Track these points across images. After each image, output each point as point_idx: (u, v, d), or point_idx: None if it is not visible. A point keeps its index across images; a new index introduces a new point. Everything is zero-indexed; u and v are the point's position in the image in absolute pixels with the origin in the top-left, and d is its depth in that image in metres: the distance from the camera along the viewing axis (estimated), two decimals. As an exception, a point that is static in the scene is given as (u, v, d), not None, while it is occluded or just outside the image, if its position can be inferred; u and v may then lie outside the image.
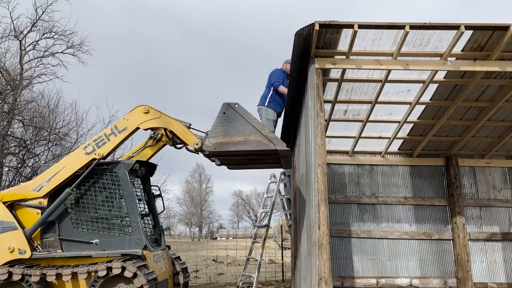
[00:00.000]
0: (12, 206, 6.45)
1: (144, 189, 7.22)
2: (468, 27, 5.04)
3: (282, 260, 11.46)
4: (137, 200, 6.56)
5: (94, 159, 6.27)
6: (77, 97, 38.50)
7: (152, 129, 6.70)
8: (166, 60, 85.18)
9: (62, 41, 16.07)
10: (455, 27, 5.06)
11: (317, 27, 4.88)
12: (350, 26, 4.96)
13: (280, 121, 8.03)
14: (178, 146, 6.82)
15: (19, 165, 14.92)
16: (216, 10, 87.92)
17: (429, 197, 8.21)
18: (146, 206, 7.17)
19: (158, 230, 7.16)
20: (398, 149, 8.39)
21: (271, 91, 7.74)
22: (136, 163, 6.47)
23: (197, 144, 6.17)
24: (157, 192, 7.50)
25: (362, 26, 4.98)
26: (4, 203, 6.38)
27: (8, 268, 5.85)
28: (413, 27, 5.02)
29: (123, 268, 5.62)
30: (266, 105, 7.72)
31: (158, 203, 7.53)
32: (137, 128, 6.39)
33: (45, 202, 6.54)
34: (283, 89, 7.56)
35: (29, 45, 15.83)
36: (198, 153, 6.48)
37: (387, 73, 6.11)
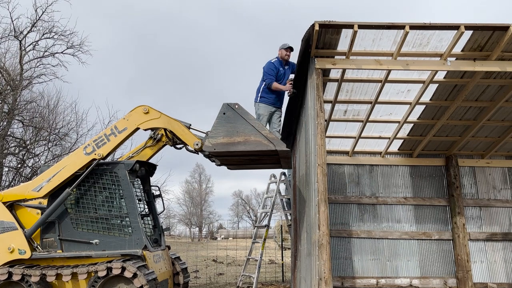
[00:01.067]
0: (12, 206, 6.45)
1: (144, 189, 7.23)
2: (468, 27, 5.05)
3: (282, 260, 11.46)
4: (137, 200, 6.56)
5: (94, 159, 6.27)
6: (77, 97, 38.51)
7: (152, 129, 6.70)
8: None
9: (62, 41, 16.08)
10: (455, 27, 5.06)
11: (317, 27, 4.88)
12: (350, 26, 4.97)
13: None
14: (178, 146, 6.82)
15: (19, 165, 14.92)
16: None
17: (429, 197, 8.21)
18: (146, 206, 7.18)
19: (158, 230, 7.17)
20: (398, 149, 8.39)
21: (263, 86, 7.14)
22: (136, 163, 6.47)
23: (197, 144, 6.17)
24: (157, 192, 7.50)
25: (362, 26, 4.98)
26: (4, 203, 6.38)
27: (8, 268, 5.85)
28: (413, 27, 5.02)
29: (123, 268, 5.63)
30: (258, 101, 7.20)
31: (158, 203, 7.54)
32: (137, 129, 6.39)
33: (45, 202, 6.54)
34: (276, 86, 6.94)
35: (29, 45, 15.85)
36: (198, 153, 6.48)
37: (387, 73, 6.11)
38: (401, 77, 6.37)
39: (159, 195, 7.55)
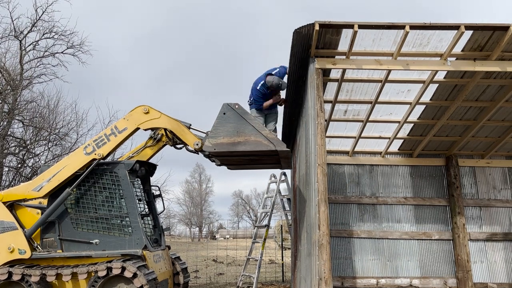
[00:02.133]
0: (12, 206, 6.45)
1: (144, 189, 7.23)
2: (468, 27, 5.04)
3: (282, 260, 11.46)
4: (137, 200, 6.56)
5: (94, 159, 6.27)
6: (77, 97, 38.44)
7: (152, 129, 6.70)
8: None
9: (62, 41, 16.08)
10: (455, 27, 5.06)
11: (317, 27, 4.88)
12: (350, 26, 4.97)
13: (280, 122, 7.96)
14: (178, 146, 6.83)
15: (19, 165, 14.91)
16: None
17: (429, 197, 8.21)
18: (146, 206, 7.18)
19: (158, 230, 7.17)
20: (398, 149, 8.39)
21: (255, 94, 6.86)
22: (136, 163, 6.47)
23: (197, 144, 6.17)
24: (157, 192, 7.50)
25: (362, 26, 4.98)
26: (4, 203, 6.38)
27: (8, 268, 5.85)
28: (413, 27, 5.02)
29: (123, 268, 5.63)
30: (250, 105, 7.01)
31: (158, 203, 7.54)
32: (137, 128, 6.39)
33: (45, 202, 6.54)
34: (266, 104, 6.83)
35: (29, 45, 15.84)
36: (198, 153, 6.49)
37: (387, 73, 6.10)
38: (401, 77, 6.37)
39: (159, 195, 7.55)
